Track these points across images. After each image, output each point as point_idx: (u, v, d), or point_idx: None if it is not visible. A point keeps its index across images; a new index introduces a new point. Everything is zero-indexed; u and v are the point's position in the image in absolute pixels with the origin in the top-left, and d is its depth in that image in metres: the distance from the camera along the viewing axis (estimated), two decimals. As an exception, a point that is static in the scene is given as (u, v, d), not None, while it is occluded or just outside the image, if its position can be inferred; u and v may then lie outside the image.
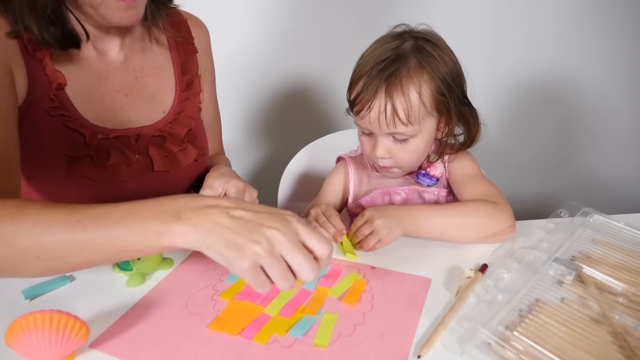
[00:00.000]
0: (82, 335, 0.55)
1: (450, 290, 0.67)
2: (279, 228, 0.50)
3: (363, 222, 0.75)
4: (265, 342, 0.58)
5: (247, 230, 0.49)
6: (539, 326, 0.57)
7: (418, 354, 0.55)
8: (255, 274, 0.49)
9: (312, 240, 0.51)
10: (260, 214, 0.51)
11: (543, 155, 1.77)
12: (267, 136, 1.70)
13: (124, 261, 0.69)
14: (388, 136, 0.81)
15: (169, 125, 0.86)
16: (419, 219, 0.76)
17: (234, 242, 0.49)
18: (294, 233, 0.51)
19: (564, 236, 0.75)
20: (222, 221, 0.50)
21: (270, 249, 0.49)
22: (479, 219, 0.76)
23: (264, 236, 0.49)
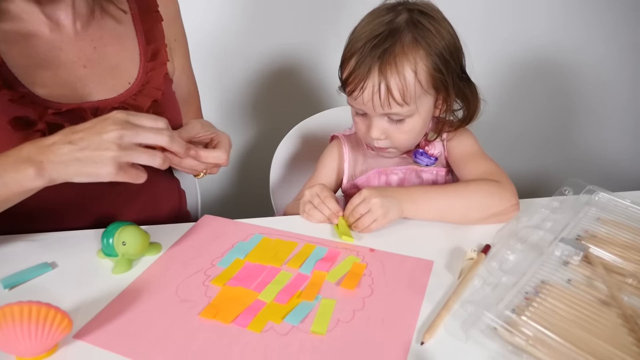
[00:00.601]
0: (64, 327, 0.52)
1: (452, 273, 0.64)
2: (115, 127, 0.59)
3: (360, 200, 0.72)
4: (260, 330, 0.55)
5: (93, 145, 0.59)
6: (548, 310, 0.55)
7: (421, 341, 0.53)
8: (127, 172, 0.61)
9: (147, 121, 0.63)
10: (94, 127, 0.60)
11: (537, 131, 1.75)
12: (254, 116, 1.65)
13: (109, 247, 0.65)
14: (383, 117, 0.77)
15: (132, 97, 0.81)
16: (419, 200, 0.73)
17: (89, 160, 0.58)
18: (128, 123, 0.61)
19: (568, 215, 0.72)
20: (68, 151, 0.59)
21: (120, 146, 0.59)
22: (481, 199, 0.73)
23: (108, 141, 0.58)
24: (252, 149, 1.69)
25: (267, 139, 1.54)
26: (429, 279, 0.62)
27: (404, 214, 0.72)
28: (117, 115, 0.61)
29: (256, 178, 1.46)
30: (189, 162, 0.72)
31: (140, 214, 0.87)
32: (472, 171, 0.80)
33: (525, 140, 1.76)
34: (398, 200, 0.72)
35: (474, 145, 0.85)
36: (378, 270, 0.64)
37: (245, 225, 0.76)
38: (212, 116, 1.14)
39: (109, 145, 0.58)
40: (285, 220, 0.78)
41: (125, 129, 0.60)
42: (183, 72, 0.97)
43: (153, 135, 0.62)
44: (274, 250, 0.69)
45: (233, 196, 1.75)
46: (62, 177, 0.60)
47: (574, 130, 1.75)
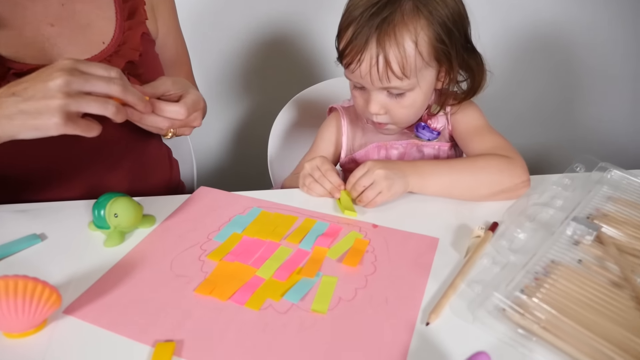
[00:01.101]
0: (53, 303, 0.49)
1: (458, 251, 0.61)
2: (61, 74, 0.54)
3: (363, 172, 0.69)
4: (259, 308, 0.52)
5: (38, 94, 0.54)
6: (559, 291, 0.53)
7: (426, 321, 0.50)
8: (76, 123, 0.56)
9: (98, 70, 0.57)
10: (39, 75, 0.55)
11: (541, 106, 1.70)
12: (250, 88, 1.60)
13: (101, 219, 0.63)
14: (382, 91, 0.73)
15: (107, 58, 0.76)
16: (425, 174, 0.70)
17: (35, 111, 0.54)
18: (77, 70, 0.56)
19: (579, 193, 0.69)
20: (11, 103, 0.55)
21: (67, 94, 0.54)
22: (491, 175, 0.70)
23: (53, 89, 0.54)
24: (250, 121, 1.65)
25: (265, 111, 1.50)
26: (434, 257, 0.60)
27: (410, 188, 0.69)
28: (64, 62, 0.56)
29: (254, 150, 1.42)
30: (151, 119, 0.66)
31: (129, 183, 0.84)
32: (479, 146, 0.76)
33: (528, 114, 1.72)
34: (404, 173, 0.69)
35: (480, 118, 0.81)
36: (381, 247, 0.62)
37: (243, 198, 0.73)
38: (205, 88, 1.09)
39: (55, 94, 0.54)
40: (284, 194, 0.75)
41: (73, 76, 0.55)
42: (169, 33, 0.91)
43: (104, 84, 0.57)
44: (273, 224, 0.67)
45: (230, 169, 1.72)
46: (7, 132, 0.56)
47: (579, 106, 1.71)
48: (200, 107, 0.72)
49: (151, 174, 0.90)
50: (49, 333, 0.51)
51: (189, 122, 0.72)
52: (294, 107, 1.14)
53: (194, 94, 0.71)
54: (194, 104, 0.70)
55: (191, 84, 0.75)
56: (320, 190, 0.72)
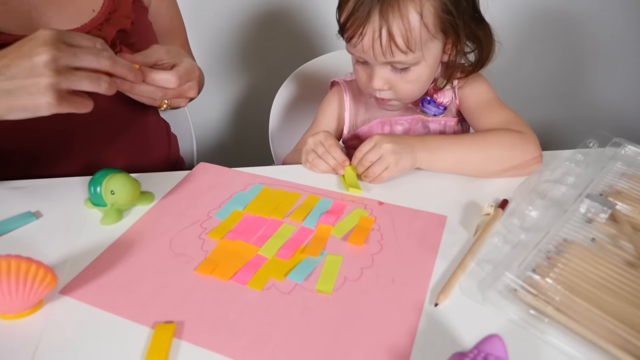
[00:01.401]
0: (48, 283, 0.48)
1: (467, 229, 0.59)
2: (46, 49, 0.50)
3: (370, 147, 0.66)
4: (261, 288, 0.51)
5: (23, 72, 0.50)
6: (571, 270, 0.51)
7: (435, 302, 0.49)
8: (69, 101, 0.52)
9: (83, 41, 0.54)
10: (19, 49, 0.51)
11: (550, 79, 1.66)
12: (249, 62, 1.56)
13: (97, 196, 0.60)
14: (385, 65, 0.70)
15: (98, 27, 0.72)
16: (434, 150, 0.67)
17: (23, 90, 0.50)
18: (62, 43, 0.51)
19: (592, 169, 0.67)
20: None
21: (56, 71, 0.50)
22: (502, 151, 0.67)
23: (40, 66, 0.50)
24: (250, 95, 1.61)
25: (266, 84, 1.46)
26: (442, 235, 0.58)
27: (417, 164, 0.67)
28: (46, 34, 0.51)
29: (254, 125, 1.40)
30: (142, 88, 0.63)
31: (126, 159, 0.82)
32: (489, 120, 0.73)
33: (536, 88, 1.68)
34: (412, 148, 0.66)
35: (489, 92, 0.78)
36: (387, 224, 0.60)
37: (244, 174, 0.71)
38: (203, 61, 1.06)
39: (42, 71, 0.50)
40: (286, 170, 0.73)
41: (60, 51, 0.51)
42: (162, 1, 0.88)
43: (94, 58, 0.53)
44: (275, 201, 0.64)
45: (231, 144, 1.69)
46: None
47: (590, 81, 1.67)
48: (194, 76, 0.68)
49: (149, 149, 0.88)
50: (45, 314, 0.49)
51: (183, 92, 0.68)
52: (296, 81, 1.10)
53: (187, 62, 0.67)
54: (187, 73, 0.66)
55: (186, 53, 0.71)
56: (324, 166, 0.70)
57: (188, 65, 0.67)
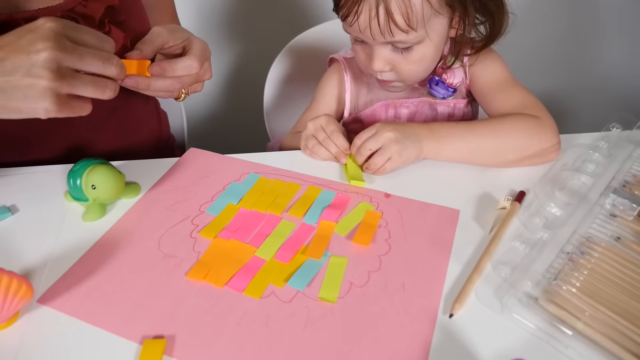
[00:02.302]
0: (23, 295, 0.43)
1: (482, 225, 0.55)
2: (48, 45, 0.44)
3: (371, 134, 0.61)
4: (260, 296, 0.46)
5: (20, 69, 0.44)
6: (597, 275, 0.47)
7: (450, 312, 0.45)
8: (69, 105, 0.47)
9: (91, 40, 0.48)
10: (17, 41, 0.44)
11: (553, 50, 1.58)
12: (241, 32, 1.46)
13: (77, 189, 0.55)
14: (386, 45, 0.63)
15: (82, 3, 0.64)
16: (442, 139, 0.61)
17: (18, 91, 0.44)
18: (65, 39, 0.45)
19: (615, 156, 0.62)
20: None
21: (58, 74, 0.44)
22: (518, 140, 0.61)
23: (40, 66, 0.44)
24: (243, 68, 1.52)
25: (258, 57, 1.37)
26: (455, 233, 0.53)
27: (424, 155, 0.62)
28: (48, 26, 0.45)
29: (248, 100, 1.32)
30: (159, 84, 0.57)
31: (115, 140, 0.75)
32: (504, 104, 0.67)
33: (542, 58, 1.60)
34: (417, 137, 0.61)
35: (503, 70, 0.71)
36: (395, 220, 0.55)
37: (239, 162, 0.66)
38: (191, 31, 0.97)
39: (42, 72, 0.44)
40: (284, 157, 0.67)
41: (63, 50, 0.45)
42: None
43: (101, 64, 0.48)
44: (273, 193, 0.59)
45: (223, 120, 1.61)
46: None
47: (598, 53, 1.59)
48: (209, 55, 0.62)
49: (140, 129, 0.81)
50: (22, 327, 0.45)
51: (200, 77, 0.62)
52: (291, 54, 1.03)
53: (197, 41, 0.61)
54: (202, 53, 0.60)
55: (188, 31, 0.64)
56: (325, 154, 0.64)
57: (201, 44, 0.61)
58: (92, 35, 0.48)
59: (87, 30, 0.48)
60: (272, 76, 1.03)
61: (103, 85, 0.48)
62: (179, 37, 0.61)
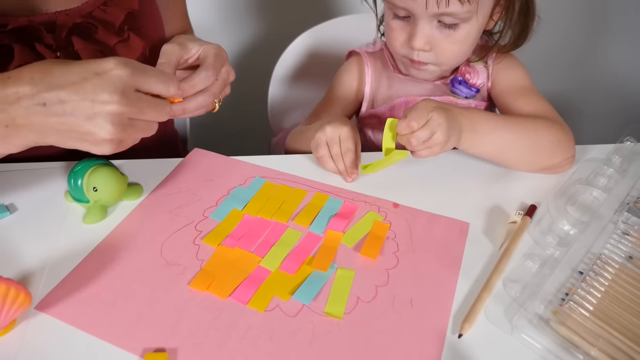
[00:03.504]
0: (20, 304, 0.42)
1: (491, 239, 0.54)
2: (114, 100, 0.43)
3: (423, 122, 0.53)
4: (264, 309, 0.45)
5: (80, 115, 0.43)
6: (610, 297, 0.46)
7: (459, 332, 0.44)
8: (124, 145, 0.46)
9: (156, 86, 0.47)
10: (84, 86, 0.43)
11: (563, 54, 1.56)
12: (253, 14, 1.44)
13: (78, 190, 0.54)
14: (432, 20, 0.61)
15: (101, 7, 0.62)
16: (479, 130, 0.57)
17: (76, 136, 0.44)
18: (131, 90, 0.44)
19: (628, 172, 0.61)
20: (41, 116, 0.43)
21: (119, 126, 0.44)
22: (549, 144, 0.59)
23: (102, 119, 0.43)
24: (250, 56, 1.50)
25: (271, 45, 1.35)
26: (464, 247, 0.52)
27: (459, 144, 0.57)
28: (117, 74, 0.44)
29: (253, 89, 1.29)
30: (192, 105, 0.55)
31: None
32: (524, 107, 0.65)
33: (545, 56, 1.58)
34: (460, 127, 0.56)
35: (526, 78, 0.70)
36: (404, 232, 0.54)
37: (244, 164, 0.64)
38: (199, 12, 0.94)
39: (104, 125, 0.43)
40: (290, 161, 0.65)
41: (128, 105, 0.44)
42: None
43: (156, 115, 0.48)
44: (279, 200, 0.58)
45: (226, 113, 1.59)
46: (31, 142, 0.46)
47: (605, 48, 1.57)
48: (225, 58, 0.60)
49: None
50: (20, 335, 0.43)
51: (225, 80, 0.60)
52: (301, 46, 1.00)
53: (211, 47, 0.59)
54: (217, 59, 0.58)
55: (195, 38, 0.62)
56: (332, 167, 0.62)
57: (213, 50, 0.58)
58: (158, 80, 0.47)
59: (156, 76, 0.47)
60: (278, 71, 1.01)
61: (152, 129, 0.48)
62: (191, 47, 0.59)
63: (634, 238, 0.52)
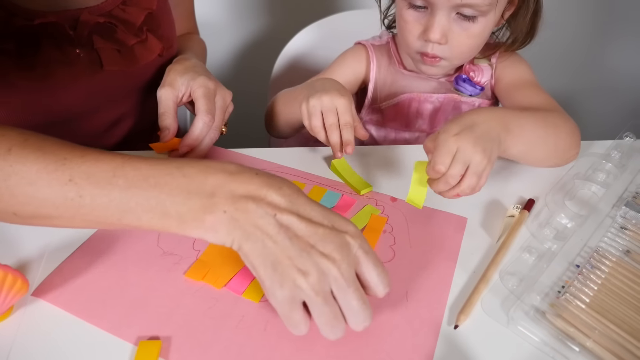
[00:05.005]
0: (18, 290, 0.42)
1: (489, 233, 0.54)
2: (336, 258, 0.37)
3: (451, 157, 0.47)
4: (259, 300, 0.45)
5: (296, 251, 0.36)
6: (607, 291, 0.45)
7: (455, 324, 0.44)
8: (293, 310, 0.37)
9: (371, 274, 0.39)
10: (317, 229, 0.37)
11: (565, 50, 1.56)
12: (255, 9, 1.44)
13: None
14: (451, 11, 0.60)
15: (121, 6, 0.64)
16: (512, 127, 0.52)
17: (275, 262, 0.36)
18: (353, 265, 0.38)
19: (627, 167, 0.60)
20: (266, 228, 0.37)
21: (319, 285, 0.36)
22: (567, 136, 0.58)
23: (315, 266, 0.36)
24: (250, 51, 1.50)
25: (271, 40, 1.35)
26: (462, 241, 0.52)
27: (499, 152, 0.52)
28: (350, 240, 0.38)
29: (251, 86, 1.30)
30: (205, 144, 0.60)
31: (121, 132, 0.75)
32: (530, 100, 0.65)
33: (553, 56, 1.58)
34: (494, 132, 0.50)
35: (529, 73, 0.70)
36: (401, 225, 0.54)
37: (243, 157, 0.64)
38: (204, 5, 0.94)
39: (309, 270, 0.36)
40: (289, 154, 0.65)
41: (340, 271, 0.37)
42: None
43: (358, 307, 0.38)
44: (276, 192, 0.58)
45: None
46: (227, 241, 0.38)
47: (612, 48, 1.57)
48: (212, 90, 0.61)
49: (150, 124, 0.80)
50: (16, 322, 0.43)
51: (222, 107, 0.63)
52: (304, 39, 0.99)
53: (196, 86, 0.60)
54: (206, 98, 0.60)
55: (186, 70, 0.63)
56: (323, 138, 0.59)
57: (200, 90, 0.60)
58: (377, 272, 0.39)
59: (376, 265, 0.39)
60: (280, 64, 1.01)
61: (337, 325, 0.38)
62: (180, 86, 0.61)
63: (632, 232, 0.52)
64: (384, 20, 0.76)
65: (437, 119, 0.73)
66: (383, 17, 0.76)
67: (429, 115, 0.73)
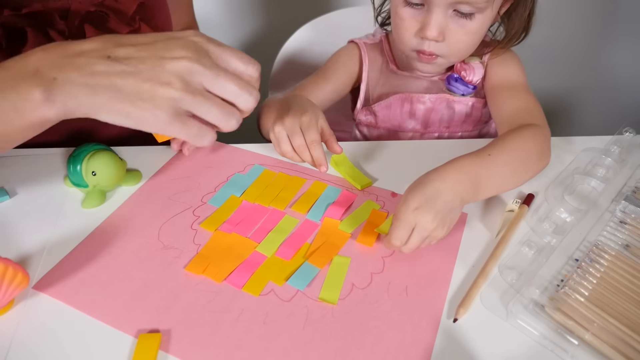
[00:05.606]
0: (18, 284, 0.42)
1: (489, 228, 0.54)
2: (190, 56, 0.39)
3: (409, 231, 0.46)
4: (259, 294, 0.45)
5: (147, 71, 0.38)
6: (606, 284, 0.46)
7: (454, 317, 0.44)
8: (185, 124, 0.39)
9: (234, 61, 0.42)
10: (155, 45, 0.39)
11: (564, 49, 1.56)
12: (252, 9, 1.44)
13: (77, 175, 0.54)
14: (448, 8, 0.59)
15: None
16: (483, 182, 0.50)
17: (135, 93, 0.38)
18: (208, 56, 0.40)
19: (627, 162, 0.60)
20: (103, 69, 0.38)
21: (187, 86, 0.38)
22: (536, 156, 0.57)
23: (171, 72, 0.38)
24: (249, 49, 1.50)
25: (270, 38, 1.35)
26: (461, 236, 0.52)
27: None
28: (193, 39, 0.40)
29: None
30: None
31: None
32: (508, 103, 0.65)
33: (552, 55, 1.57)
34: (457, 197, 0.48)
35: (519, 74, 0.69)
36: (400, 220, 0.54)
37: (243, 152, 0.64)
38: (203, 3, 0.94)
39: (171, 80, 0.38)
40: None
41: (203, 65, 0.39)
42: None
43: (237, 89, 0.40)
44: (277, 187, 0.58)
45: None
46: (82, 109, 0.38)
47: (610, 47, 1.56)
48: None
49: None
50: (18, 314, 0.44)
51: None
52: (303, 37, 0.99)
53: None
54: None
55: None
56: (298, 160, 0.58)
57: None
58: (235, 55, 0.42)
59: (232, 51, 0.42)
60: (279, 62, 1.01)
61: (229, 112, 0.41)
62: None
63: (631, 226, 0.52)
64: (377, 18, 0.75)
65: (430, 119, 0.73)
66: (377, 14, 0.75)
67: (423, 116, 0.73)
